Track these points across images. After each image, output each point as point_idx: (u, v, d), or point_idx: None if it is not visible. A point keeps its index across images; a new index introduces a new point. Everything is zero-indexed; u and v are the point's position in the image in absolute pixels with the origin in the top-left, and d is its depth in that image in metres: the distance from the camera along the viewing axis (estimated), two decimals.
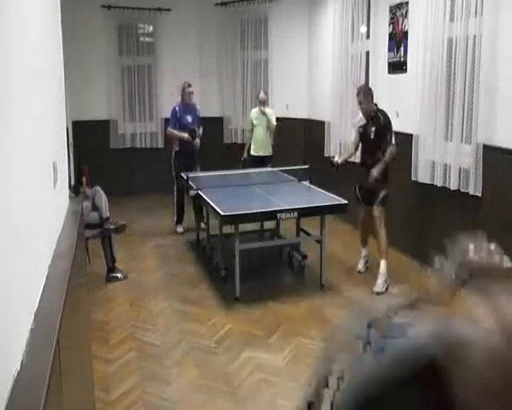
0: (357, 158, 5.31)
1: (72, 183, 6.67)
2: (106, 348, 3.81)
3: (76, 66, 7.51)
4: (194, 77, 9.01)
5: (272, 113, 7.04)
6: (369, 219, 4.95)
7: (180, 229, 6.77)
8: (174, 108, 6.68)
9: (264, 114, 6.94)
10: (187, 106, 6.68)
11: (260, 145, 7.05)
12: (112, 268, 5.15)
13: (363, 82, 5.83)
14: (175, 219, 6.81)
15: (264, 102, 6.98)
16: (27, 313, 1.43)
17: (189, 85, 6.69)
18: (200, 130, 6.75)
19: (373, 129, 4.79)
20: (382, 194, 4.79)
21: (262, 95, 7.03)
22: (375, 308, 0.92)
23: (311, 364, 3.57)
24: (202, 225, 6.17)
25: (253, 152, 7.10)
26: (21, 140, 1.48)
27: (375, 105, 4.81)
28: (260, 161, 6.93)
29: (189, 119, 6.67)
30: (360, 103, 4.80)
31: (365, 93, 4.78)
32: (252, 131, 7.09)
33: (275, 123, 6.96)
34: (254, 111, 7.10)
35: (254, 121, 7.01)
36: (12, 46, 1.39)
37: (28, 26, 1.73)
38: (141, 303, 4.64)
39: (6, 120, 1.27)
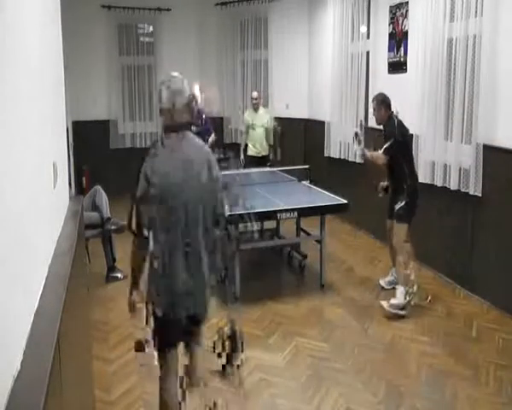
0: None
1: (73, 183, 6.67)
2: (106, 347, 3.81)
3: (76, 66, 7.51)
4: (194, 77, 9.00)
5: (267, 115, 7.09)
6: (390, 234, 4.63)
7: None
8: None
9: (256, 111, 6.98)
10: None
11: (258, 145, 7.06)
12: (112, 268, 5.14)
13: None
14: None
15: (257, 101, 6.97)
16: (27, 313, 1.43)
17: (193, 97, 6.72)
18: (211, 138, 6.78)
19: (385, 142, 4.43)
20: (397, 207, 4.39)
21: (254, 94, 7.04)
22: None
23: (310, 364, 3.58)
24: None
25: (251, 153, 7.10)
26: (21, 140, 1.48)
27: (390, 114, 4.41)
28: (259, 161, 6.93)
29: (193, 129, 6.71)
30: (374, 110, 4.53)
31: (378, 100, 4.49)
32: (247, 132, 7.10)
33: (271, 124, 7.08)
34: (250, 112, 7.10)
35: (251, 123, 7.01)
36: (12, 46, 1.39)
37: (28, 26, 1.73)
38: (141, 303, 4.63)
39: (6, 120, 1.26)
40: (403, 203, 4.34)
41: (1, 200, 1.17)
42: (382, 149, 4.37)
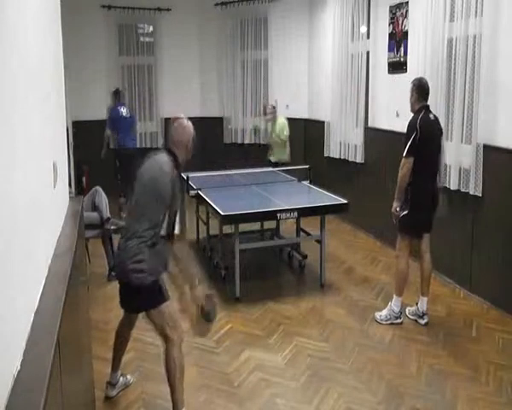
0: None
1: (73, 183, 6.67)
2: (106, 347, 3.80)
3: (76, 66, 7.51)
4: (194, 77, 9.03)
5: (283, 124, 6.85)
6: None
7: None
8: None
9: (269, 122, 6.91)
10: None
11: (277, 153, 6.94)
12: (113, 267, 5.14)
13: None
14: None
15: (272, 116, 6.83)
16: (27, 313, 1.43)
17: None
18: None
19: None
20: (400, 216, 4.05)
21: (269, 108, 6.87)
22: None
23: (310, 364, 3.58)
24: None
25: (272, 159, 6.93)
26: (22, 140, 1.48)
27: (422, 106, 3.97)
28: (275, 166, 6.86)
29: None
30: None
31: (413, 84, 4.03)
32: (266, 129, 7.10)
33: (285, 134, 6.81)
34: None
35: (269, 129, 6.98)
36: (12, 46, 1.39)
37: (28, 26, 1.73)
38: None
39: (6, 120, 1.26)
40: (405, 212, 4.00)
41: (1, 200, 1.17)
42: (405, 153, 3.89)
